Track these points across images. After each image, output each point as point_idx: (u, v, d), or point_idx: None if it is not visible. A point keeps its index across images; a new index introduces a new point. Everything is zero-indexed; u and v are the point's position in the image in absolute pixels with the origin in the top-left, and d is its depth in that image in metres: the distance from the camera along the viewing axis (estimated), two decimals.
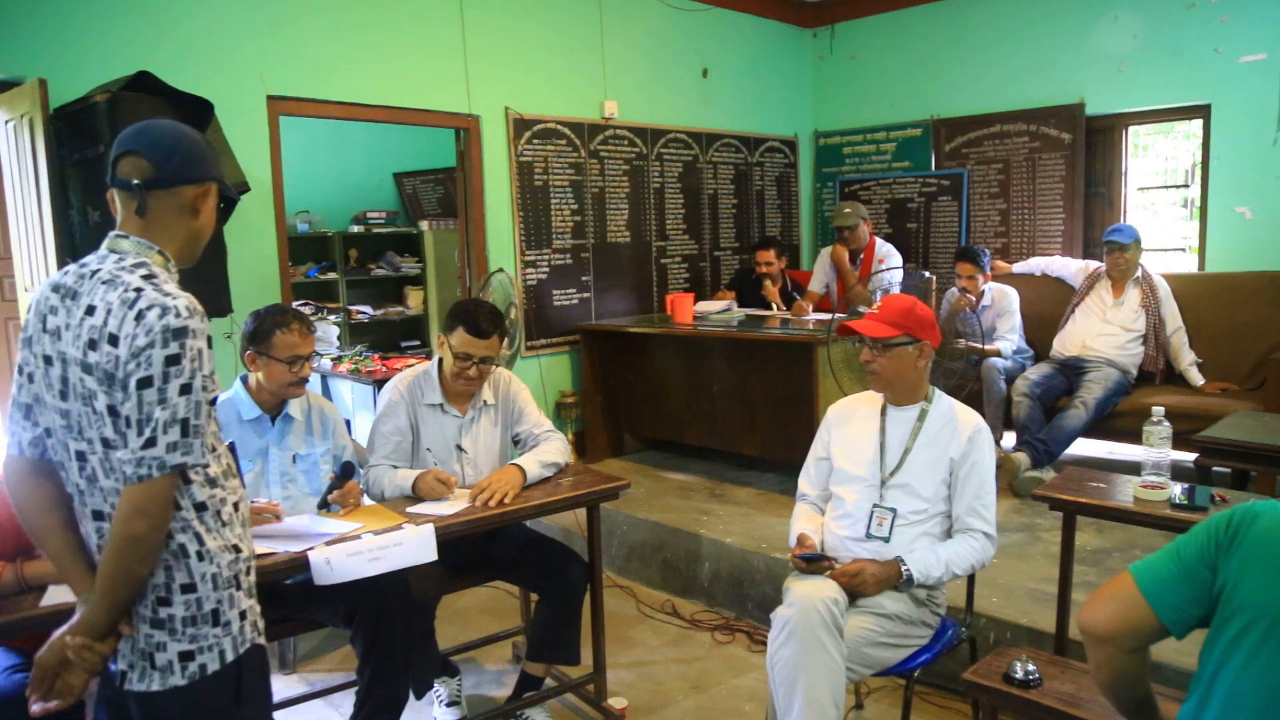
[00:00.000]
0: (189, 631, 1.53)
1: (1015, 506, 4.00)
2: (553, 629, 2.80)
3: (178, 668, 1.53)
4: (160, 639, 1.52)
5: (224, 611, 1.56)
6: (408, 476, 2.68)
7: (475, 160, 4.83)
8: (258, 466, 2.63)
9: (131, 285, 1.49)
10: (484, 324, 2.73)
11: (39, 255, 3.31)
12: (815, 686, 2.09)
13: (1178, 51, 4.99)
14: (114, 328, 1.46)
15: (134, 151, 1.56)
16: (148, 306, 1.46)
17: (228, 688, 1.57)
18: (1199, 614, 1.33)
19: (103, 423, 1.49)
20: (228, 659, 1.56)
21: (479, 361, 2.74)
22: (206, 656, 1.54)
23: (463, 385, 2.80)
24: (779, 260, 5.39)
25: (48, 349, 1.54)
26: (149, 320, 1.45)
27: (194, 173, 1.59)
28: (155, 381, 1.44)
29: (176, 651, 1.52)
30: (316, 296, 6.30)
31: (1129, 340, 4.42)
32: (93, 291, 1.50)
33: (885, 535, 2.37)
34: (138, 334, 1.44)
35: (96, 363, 1.47)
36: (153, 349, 1.44)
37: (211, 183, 1.63)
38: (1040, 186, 5.60)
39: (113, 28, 3.58)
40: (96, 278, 1.52)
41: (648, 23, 5.55)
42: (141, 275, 1.51)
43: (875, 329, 2.40)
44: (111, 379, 1.47)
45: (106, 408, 1.48)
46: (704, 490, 4.55)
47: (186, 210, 1.60)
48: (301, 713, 2.97)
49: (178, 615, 1.52)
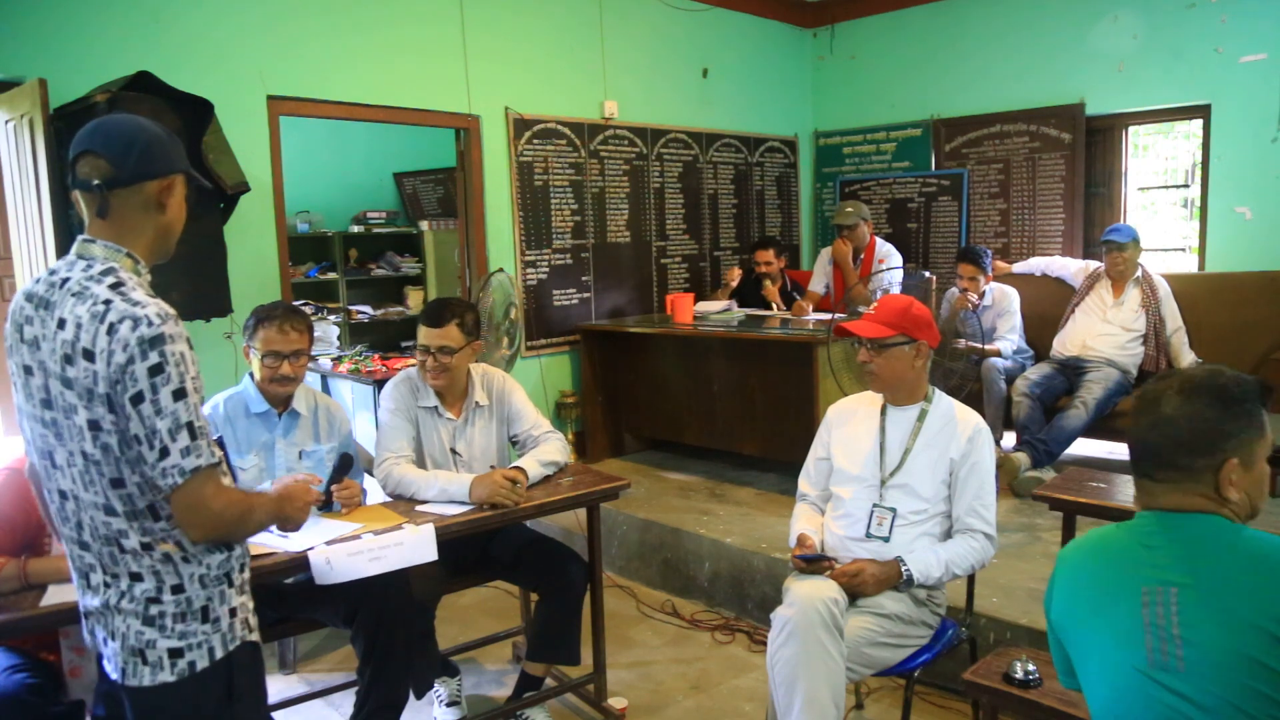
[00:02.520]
0: (178, 628, 1.53)
1: (1015, 506, 4.00)
2: (553, 629, 2.80)
3: (167, 664, 1.53)
4: (150, 636, 1.53)
5: (214, 608, 1.56)
6: (455, 480, 2.59)
7: (475, 160, 4.83)
8: (263, 461, 2.63)
9: (100, 298, 1.46)
10: (439, 312, 2.75)
11: (39, 255, 3.31)
12: (815, 686, 2.09)
13: (1178, 51, 4.99)
14: (87, 343, 1.44)
15: (90, 151, 1.53)
16: (118, 319, 1.44)
17: (218, 685, 1.57)
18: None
19: (82, 437, 1.48)
20: (217, 656, 1.57)
21: (436, 352, 2.74)
22: (196, 654, 1.55)
23: (430, 380, 2.80)
24: (778, 260, 5.40)
25: (26, 359, 1.54)
26: (122, 334, 1.43)
27: (155, 167, 1.55)
28: (146, 395, 1.43)
29: (166, 648, 1.53)
30: (316, 296, 6.29)
31: (1129, 340, 4.42)
32: (63, 303, 1.48)
33: (885, 535, 2.37)
34: (114, 349, 1.43)
35: (75, 378, 1.46)
36: (134, 364, 1.43)
37: (175, 175, 1.59)
38: (1040, 186, 5.60)
39: (112, 28, 3.58)
40: (66, 288, 1.49)
41: (648, 23, 5.55)
42: (109, 285, 1.48)
43: (871, 329, 2.40)
44: (91, 394, 1.45)
45: (87, 422, 1.47)
46: (704, 490, 4.55)
47: (151, 206, 1.57)
48: (301, 713, 2.97)
49: (168, 612, 1.53)
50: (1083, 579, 1.45)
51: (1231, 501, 1.33)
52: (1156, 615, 1.31)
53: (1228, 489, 1.32)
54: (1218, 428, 1.32)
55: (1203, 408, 1.32)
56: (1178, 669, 1.28)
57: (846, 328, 2.52)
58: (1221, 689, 1.26)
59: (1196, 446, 1.32)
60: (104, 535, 1.52)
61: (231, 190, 3.40)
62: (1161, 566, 1.33)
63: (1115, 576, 1.39)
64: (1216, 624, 1.27)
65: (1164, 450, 1.34)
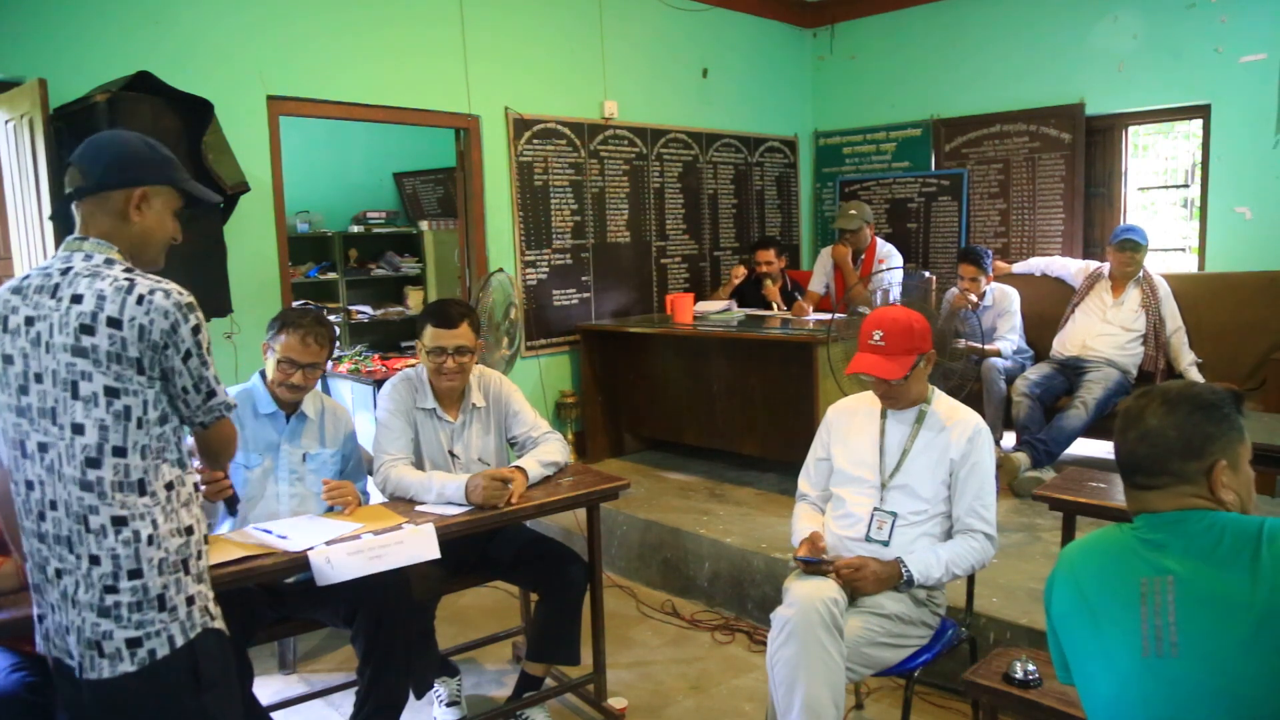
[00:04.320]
0: (135, 618, 1.56)
1: (1015, 506, 4.00)
2: (552, 629, 2.80)
3: (126, 654, 1.56)
4: (107, 627, 1.56)
5: (170, 596, 1.59)
6: (450, 481, 2.56)
7: (475, 160, 4.83)
8: (268, 462, 2.63)
9: (120, 276, 1.60)
10: (451, 312, 2.73)
11: (39, 255, 3.31)
12: (815, 686, 2.09)
13: (1178, 51, 4.99)
14: (113, 312, 1.56)
15: (72, 163, 1.68)
16: (149, 291, 1.58)
17: (183, 673, 1.60)
18: None
19: (91, 405, 1.56)
20: (177, 644, 1.59)
21: (453, 352, 2.73)
22: (155, 642, 1.57)
23: (445, 382, 2.78)
24: (779, 260, 5.40)
25: (7, 348, 1.61)
26: (158, 303, 1.58)
27: (119, 177, 1.65)
28: (194, 352, 1.63)
29: (123, 639, 1.56)
30: (316, 296, 6.29)
31: (1129, 340, 4.42)
32: (75, 283, 1.59)
33: (885, 539, 2.37)
34: (152, 316, 1.57)
35: (94, 345, 1.56)
36: (180, 327, 1.60)
37: (145, 187, 1.67)
38: (1040, 186, 5.60)
39: (113, 28, 3.58)
40: (73, 273, 1.60)
41: (648, 23, 5.55)
42: (121, 269, 1.62)
43: (888, 369, 2.33)
44: (118, 358, 1.56)
45: (103, 388, 1.56)
46: (704, 490, 4.55)
47: (117, 214, 1.66)
48: (301, 713, 2.97)
49: (124, 602, 1.56)
50: (1083, 574, 1.48)
51: (1226, 502, 1.40)
52: (1154, 605, 1.35)
53: (1220, 490, 1.39)
54: (1205, 431, 1.40)
55: (1186, 415, 1.40)
56: (1172, 655, 1.32)
57: (865, 371, 2.38)
58: (1215, 673, 1.29)
59: (1188, 451, 1.39)
60: (74, 512, 1.56)
61: (231, 190, 3.40)
62: (1160, 558, 1.38)
63: (1115, 570, 1.42)
64: (1210, 607, 1.31)
65: (1157, 459, 1.41)
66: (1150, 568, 1.38)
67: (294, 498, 2.64)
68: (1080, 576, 1.48)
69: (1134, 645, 1.36)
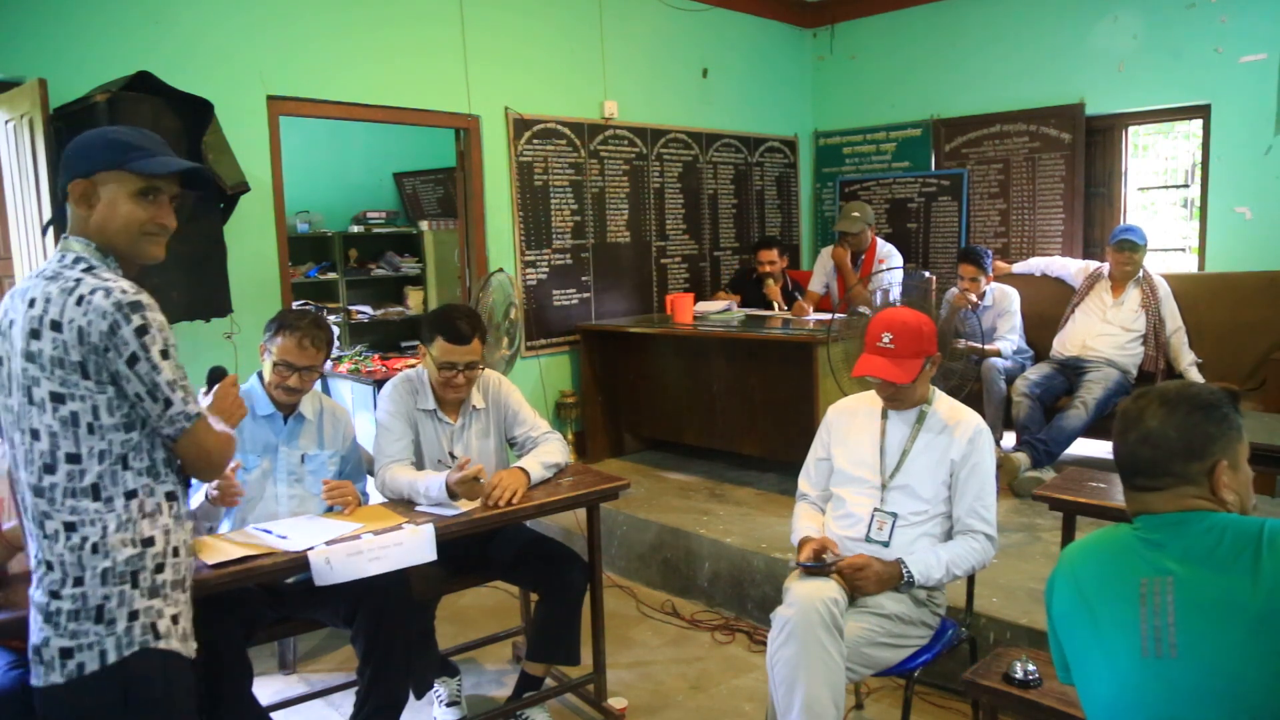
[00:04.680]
0: (70, 627, 1.52)
1: (1015, 506, 4.00)
2: (553, 629, 2.80)
3: (58, 664, 1.52)
4: (46, 633, 1.53)
5: (110, 609, 1.53)
6: (434, 481, 2.55)
7: (475, 160, 4.83)
8: (266, 463, 2.63)
9: (71, 277, 1.56)
10: (463, 329, 2.70)
11: (39, 255, 3.31)
12: (815, 686, 2.09)
13: (1177, 51, 4.99)
14: (55, 315, 1.52)
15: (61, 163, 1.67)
16: (90, 291, 1.53)
17: (109, 693, 1.52)
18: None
19: (41, 410, 1.53)
20: (108, 660, 1.52)
21: (464, 368, 2.73)
22: (85, 655, 1.52)
23: (452, 394, 2.79)
24: (781, 259, 5.40)
25: (3, 349, 1.62)
26: (96, 303, 1.51)
27: (76, 168, 1.63)
28: (140, 355, 1.53)
29: (58, 647, 1.52)
30: (316, 296, 6.29)
31: (1129, 340, 4.42)
32: (36, 287, 1.58)
33: (885, 539, 2.37)
34: (90, 317, 1.51)
35: (40, 350, 1.53)
36: (120, 329, 1.52)
37: (88, 178, 1.60)
38: (1040, 186, 5.60)
39: (112, 28, 3.58)
40: (42, 275, 1.59)
41: (648, 23, 5.55)
42: (82, 269, 1.57)
43: (897, 373, 2.33)
44: (61, 363, 1.52)
45: (49, 394, 1.53)
46: (704, 490, 4.55)
47: (76, 209, 1.64)
48: (301, 713, 2.97)
49: (64, 609, 1.52)
50: (1083, 574, 1.48)
51: (1227, 502, 1.40)
52: (1154, 605, 1.35)
53: (1222, 490, 1.39)
54: (1205, 431, 1.40)
55: (1186, 416, 1.40)
56: (1171, 655, 1.32)
57: (874, 375, 2.36)
58: (1214, 674, 1.29)
59: (1190, 453, 1.39)
60: (34, 517, 1.56)
61: (231, 190, 3.39)
62: (1160, 559, 1.38)
63: (1116, 571, 1.42)
64: (1209, 608, 1.31)
65: (1159, 461, 1.41)
66: (1150, 568, 1.38)
67: (293, 499, 2.64)
68: (1080, 577, 1.48)
69: (1133, 645, 1.36)
